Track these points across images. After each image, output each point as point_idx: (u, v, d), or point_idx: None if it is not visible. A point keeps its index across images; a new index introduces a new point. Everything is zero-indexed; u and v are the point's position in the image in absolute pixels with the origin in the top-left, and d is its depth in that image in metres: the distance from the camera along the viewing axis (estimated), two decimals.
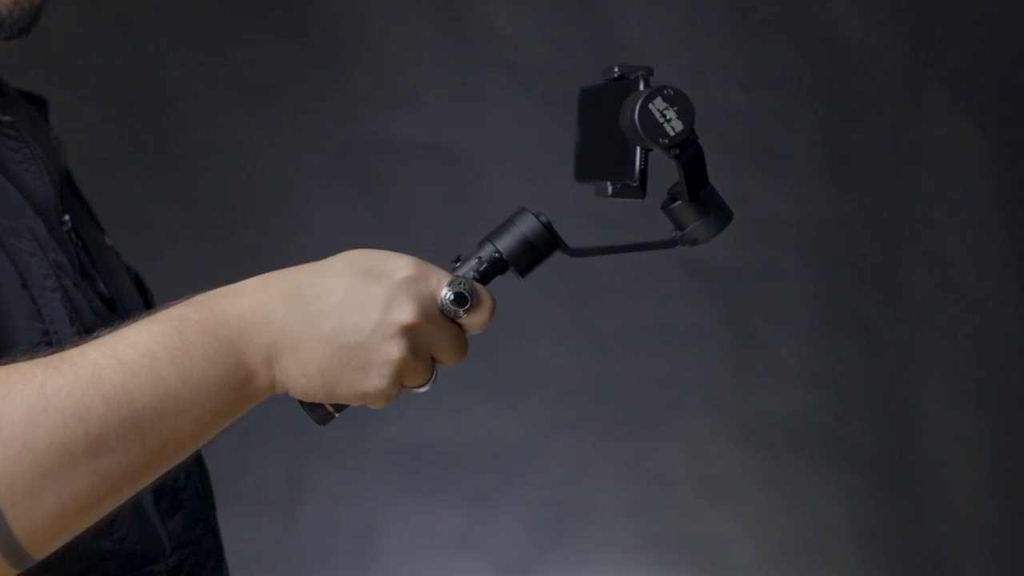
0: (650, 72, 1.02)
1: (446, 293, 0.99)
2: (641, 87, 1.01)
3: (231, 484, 2.65)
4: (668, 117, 0.99)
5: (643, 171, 1.02)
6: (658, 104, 0.99)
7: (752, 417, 3.15)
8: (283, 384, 0.96)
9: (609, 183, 1.03)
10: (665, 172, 1.04)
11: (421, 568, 3.10)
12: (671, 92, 0.99)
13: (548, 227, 1.03)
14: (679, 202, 1.05)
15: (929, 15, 3.18)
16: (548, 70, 3.13)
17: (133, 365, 0.90)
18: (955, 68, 3.18)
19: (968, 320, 3.18)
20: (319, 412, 1.02)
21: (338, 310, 0.96)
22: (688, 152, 1.01)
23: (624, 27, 3.18)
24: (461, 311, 0.99)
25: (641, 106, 0.98)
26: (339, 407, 1.01)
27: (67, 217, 1.16)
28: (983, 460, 3.15)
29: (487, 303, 1.01)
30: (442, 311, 0.99)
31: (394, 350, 0.96)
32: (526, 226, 1.03)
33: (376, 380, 0.96)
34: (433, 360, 1.00)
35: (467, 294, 0.99)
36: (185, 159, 3.09)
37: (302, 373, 0.96)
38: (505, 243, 1.03)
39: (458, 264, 1.04)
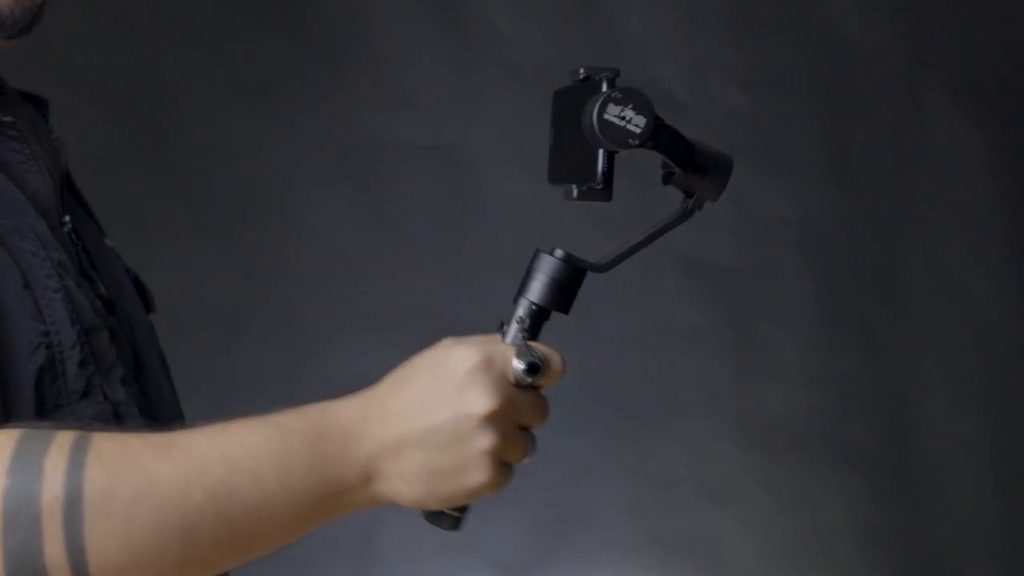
0: (616, 73, 1.02)
1: (517, 366, 1.00)
2: (604, 88, 1.01)
3: None
4: (627, 117, 0.99)
5: (606, 174, 1.01)
6: (612, 111, 0.99)
7: (752, 418, 3.15)
8: (387, 495, 0.99)
9: (574, 186, 1.03)
10: (647, 158, 1.04)
11: (422, 569, 3.10)
12: (619, 94, 0.99)
13: (567, 260, 1.04)
14: (677, 173, 1.05)
15: (929, 15, 3.18)
16: (548, 70, 3.12)
17: (237, 464, 0.94)
18: (955, 68, 3.18)
19: (968, 320, 3.18)
20: (444, 520, 1.03)
21: (419, 417, 0.98)
22: (663, 138, 1.02)
23: (624, 27, 3.17)
24: (536, 378, 1.00)
25: (598, 119, 0.99)
26: (460, 508, 1.03)
27: (67, 218, 1.15)
28: (984, 461, 3.15)
29: (556, 358, 1.02)
30: (518, 385, 1.00)
31: (483, 441, 0.98)
32: (547, 268, 1.04)
33: (477, 475, 0.99)
34: (526, 428, 1.01)
35: (537, 361, 1.00)
36: (185, 159, 3.09)
37: (403, 482, 0.98)
38: (536, 293, 1.04)
39: (505, 330, 1.03)
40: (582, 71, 1.04)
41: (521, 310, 1.04)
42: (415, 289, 3.12)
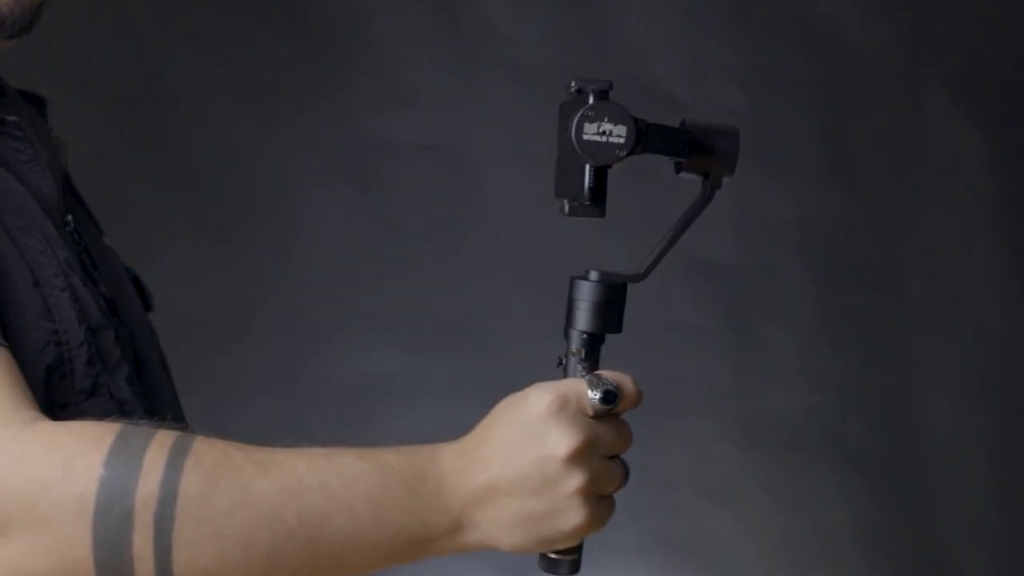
0: (606, 86, 0.99)
1: (594, 397, 0.98)
2: (591, 100, 0.98)
3: None
4: (607, 131, 0.97)
5: (592, 189, 0.99)
6: (589, 130, 0.97)
7: (752, 418, 3.15)
8: (482, 543, 1.00)
9: (565, 201, 1.01)
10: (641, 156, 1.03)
11: (422, 568, 3.10)
12: (590, 111, 0.97)
13: (603, 280, 1.02)
14: (684, 161, 1.02)
15: (929, 15, 3.18)
16: (548, 70, 3.13)
17: (333, 493, 0.94)
18: (955, 68, 3.18)
19: (968, 320, 3.18)
20: (560, 566, 1.02)
21: (504, 465, 0.97)
22: (652, 138, 0.99)
23: (624, 27, 3.17)
24: (614, 406, 0.98)
25: (578, 142, 0.97)
26: (569, 551, 1.01)
27: (69, 217, 1.15)
28: (983, 461, 3.15)
29: (628, 381, 1.01)
30: (597, 416, 0.98)
31: (572, 482, 0.97)
32: (586, 293, 1.02)
33: (574, 516, 0.98)
34: (614, 456, 1.00)
35: (611, 389, 0.98)
36: (185, 159, 3.09)
37: (499, 530, 0.98)
38: (583, 322, 1.02)
39: (563, 365, 1.02)
40: (573, 84, 1.01)
41: (574, 343, 1.01)
42: (415, 289, 3.12)
